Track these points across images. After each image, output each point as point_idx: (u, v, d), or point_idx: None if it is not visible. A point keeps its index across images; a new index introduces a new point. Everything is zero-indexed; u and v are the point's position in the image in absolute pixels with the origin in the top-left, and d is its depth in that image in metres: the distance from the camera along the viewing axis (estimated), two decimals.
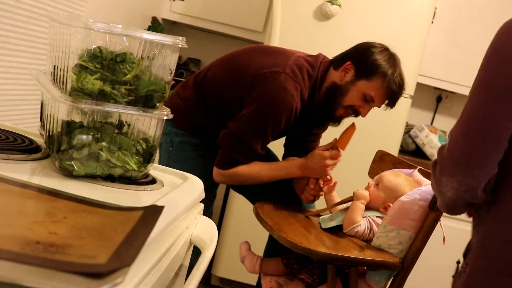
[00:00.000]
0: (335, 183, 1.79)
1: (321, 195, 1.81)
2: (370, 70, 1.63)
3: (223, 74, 1.75)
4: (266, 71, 1.64)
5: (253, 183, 1.80)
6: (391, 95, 1.66)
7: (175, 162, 1.81)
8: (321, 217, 1.69)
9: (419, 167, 1.73)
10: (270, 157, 1.93)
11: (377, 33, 2.47)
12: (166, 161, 1.83)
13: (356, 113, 1.72)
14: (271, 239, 1.95)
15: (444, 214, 1.50)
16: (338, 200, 1.77)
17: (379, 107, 1.71)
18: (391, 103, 1.70)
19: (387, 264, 1.46)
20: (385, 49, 1.68)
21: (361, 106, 1.68)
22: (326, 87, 1.70)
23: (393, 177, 1.64)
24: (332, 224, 1.58)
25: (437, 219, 1.48)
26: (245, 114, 1.66)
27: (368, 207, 1.63)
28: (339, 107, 1.70)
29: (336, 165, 1.75)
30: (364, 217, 1.57)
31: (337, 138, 1.75)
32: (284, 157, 1.98)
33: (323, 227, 1.59)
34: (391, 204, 1.58)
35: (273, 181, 1.78)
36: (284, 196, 1.86)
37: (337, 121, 1.77)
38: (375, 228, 1.56)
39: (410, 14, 2.49)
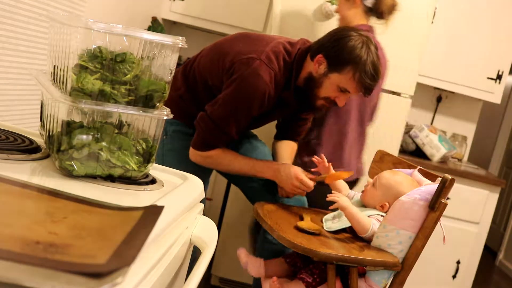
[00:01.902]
0: (324, 166, 1.78)
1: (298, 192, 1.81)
2: (341, 63, 1.63)
3: (207, 62, 1.80)
4: (243, 57, 1.68)
5: (224, 171, 1.85)
6: (364, 86, 1.65)
7: (170, 150, 1.87)
8: (324, 217, 1.69)
9: (419, 167, 1.73)
10: (256, 146, 1.96)
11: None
12: (161, 150, 1.86)
13: (335, 103, 1.73)
14: (261, 236, 1.97)
15: (444, 214, 1.51)
16: (343, 185, 1.78)
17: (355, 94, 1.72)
18: (366, 93, 1.69)
19: (387, 264, 1.46)
20: (358, 37, 1.64)
21: (337, 96, 1.70)
22: (304, 77, 1.72)
23: (390, 175, 1.64)
24: (336, 227, 1.57)
25: (437, 219, 1.48)
26: (220, 98, 1.70)
27: (365, 206, 1.64)
28: (317, 98, 1.72)
29: (303, 192, 1.74)
30: (369, 216, 1.57)
31: (330, 174, 1.74)
32: (276, 137, 2.02)
33: (326, 229, 1.59)
34: (387, 204, 1.57)
35: (243, 174, 1.82)
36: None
37: (319, 110, 1.79)
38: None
39: (410, 14, 2.49)
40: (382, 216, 1.58)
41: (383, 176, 1.64)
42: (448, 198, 1.50)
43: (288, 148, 1.97)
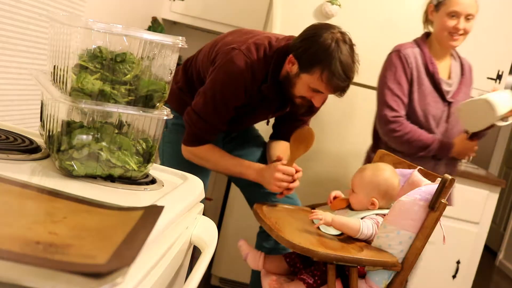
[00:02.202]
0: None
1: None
2: (309, 64, 1.60)
3: (201, 56, 1.85)
4: (225, 48, 1.71)
5: (212, 169, 1.86)
6: (333, 86, 1.62)
7: (169, 142, 1.92)
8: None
9: (419, 167, 1.73)
10: (256, 140, 1.98)
11: (377, 33, 2.47)
12: (161, 142, 1.92)
13: (311, 102, 1.71)
14: (259, 236, 1.97)
15: (444, 214, 1.51)
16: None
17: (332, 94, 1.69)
18: (340, 94, 1.66)
19: (386, 264, 1.46)
20: (329, 34, 1.59)
21: (312, 96, 1.68)
22: (283, 75, 1.71)
23: (360, 174, 1.65)
24: (333, 231, 1.57)
25: (437, 219, 1.48)
26: (201, 89, 1.74)
27: (358, 211, 1.64)
28: (294, 97, 1.71)
29: (289, 182, 1.70)
30: (362, 218, 1.57)
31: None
32: (271, 137, 2.01)
33: (322, 230, 1.58)
34: (374, 199, 1.58)
35: (229, 174, 1.85)
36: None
37: (300, 107, 1.77)
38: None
39: (410, 14, 2.49)
40: (377, 214, 1.58)
41: (356, 179, 1.65)
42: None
43: (281, 146, 1.94)
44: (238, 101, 1.72)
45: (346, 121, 2.52)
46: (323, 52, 1.58)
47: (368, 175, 1.62)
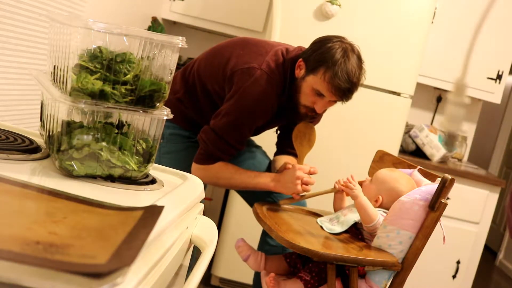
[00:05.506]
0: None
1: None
2: (315, 64, 1.63)
3: (207, 67, 1.80)
4: (244, 67, 1.68)
5: (225, 185, 1.82)
6: (338, 89, 1.62)
7: (166, 154, 1.86)
8: (319, 218, 1.69)
9: (419, 167, 1.73)
10: (259, 156, 1.95)
11: (377, 33, 2.48)
12: (158, 153, 1.86)
13: (314, 111, 1.71)
14: (263, 236, 1.96)
15: (444, 214, 1.51)
16: (344, 200, 1.77)
17: (334, 102, 1.69)
18: (342, 98, 1.66)
19: (386, 264, 1.46)
20: (338, 42, 1.63)
21: (314, 102, 1.68)
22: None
23: (387, 171, 1.66)
24: (338, 230, 1.57)
25: (437, 219, 1.48)
26: (223, 109, 1.70)
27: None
28: (299, 104, 1.71)
29: (310, 179, 1.69)
30: None
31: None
32: (278, 149, 1.99)
33: (328, 231, 1.59)
34: (380, 197, 1.59)
35: (245, 188, 1.79)
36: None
37: (303, 118, 1.77)
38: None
39: (410, 14, 2.49)
40: (384, 212, 1.58)
41: (380, 172, 1.66)
42: (448, 198, 1.50)
43: (286, 157, 1.92)
44: (265, 119, 1.72)
45: (347, 122, 2.52)
46: (329, 54, 1.60)
47: (392, 177, 1.61)
